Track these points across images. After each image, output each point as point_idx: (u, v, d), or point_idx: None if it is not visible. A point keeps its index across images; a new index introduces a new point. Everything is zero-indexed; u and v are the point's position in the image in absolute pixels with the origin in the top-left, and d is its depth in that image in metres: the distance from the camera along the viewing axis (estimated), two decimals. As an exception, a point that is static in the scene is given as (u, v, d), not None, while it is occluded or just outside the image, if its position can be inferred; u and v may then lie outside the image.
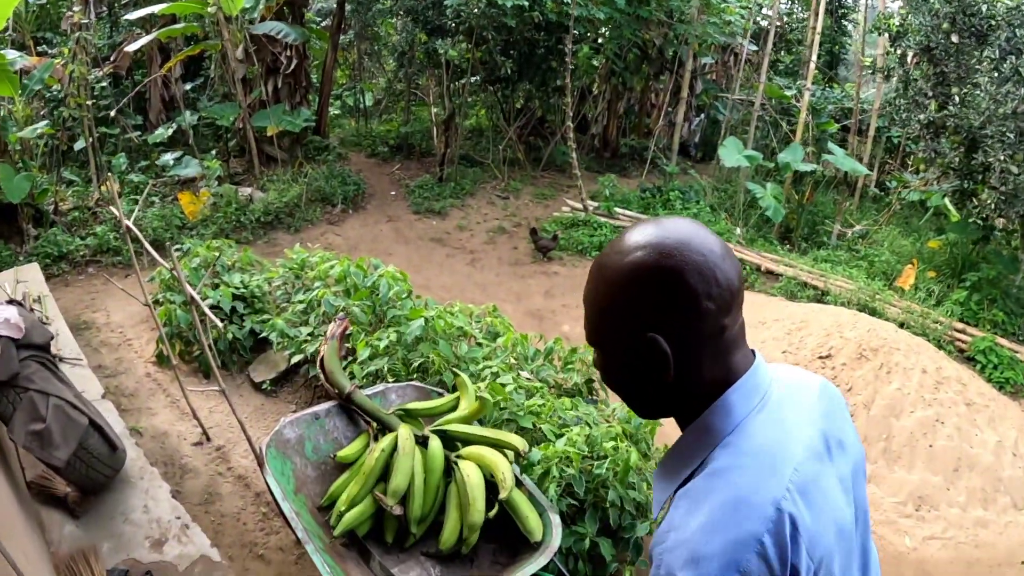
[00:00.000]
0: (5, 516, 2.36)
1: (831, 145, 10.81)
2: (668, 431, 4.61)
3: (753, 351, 1.33)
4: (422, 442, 3.54)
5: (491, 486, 3.35)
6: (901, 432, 5.61)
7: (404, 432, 3.47)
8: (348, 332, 4.24)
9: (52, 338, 3.62)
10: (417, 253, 9.20)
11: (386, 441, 3.43)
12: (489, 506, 3.29)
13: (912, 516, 5.20)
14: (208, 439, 4.97)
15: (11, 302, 3.57)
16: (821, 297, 8.55)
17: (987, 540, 5.10)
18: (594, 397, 4.90)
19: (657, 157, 12.47)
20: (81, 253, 7.88)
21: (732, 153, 10.53)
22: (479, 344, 4.87)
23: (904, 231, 10.78)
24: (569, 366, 4.91)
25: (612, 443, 3.72)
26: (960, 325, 7.97)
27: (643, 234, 1.22)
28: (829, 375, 6.04)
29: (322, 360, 3.84)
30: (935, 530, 5.11)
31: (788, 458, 1.21)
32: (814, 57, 11.37)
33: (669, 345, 1.20)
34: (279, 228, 9.35)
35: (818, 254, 9.91)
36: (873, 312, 7.89)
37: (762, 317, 7.36)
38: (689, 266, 1.17)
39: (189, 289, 3.70)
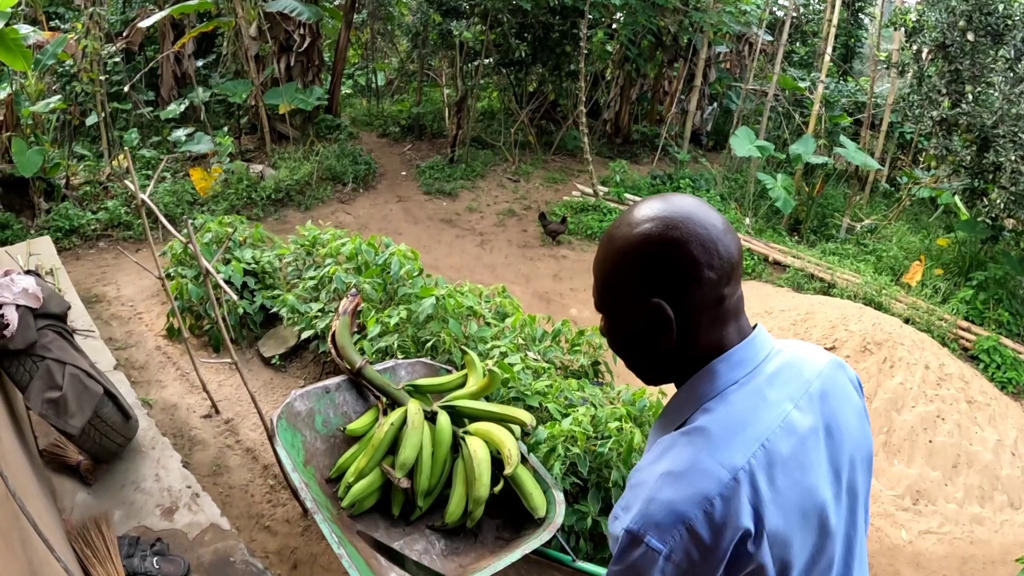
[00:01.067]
0: (21, 482, 2.40)
1: (843, 139, 10.75)
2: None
3: (756, 325, 1.41)
4: (431, 417, 3.57)
5: (497, 462, 3.38)
6: (902, 426, 5.64)
7: (413, 407, 3.50)
8: (359, 309, 4.27)
9: (69, 308, 3.66)
10: (427, 233, 9.21)
11: (395, 415, 3.47)
12: (495, 482, 3.32)
13: (909, 510, 5.25)
14: (217, 412, 5.02)
15: (28, 273, 3.60)
16: (828, 290, 8.55)
17: (982, 537, 5.14)
18: (600, 380, 4.94)
19: (668, 144, 12.46)
20: (92, 227, 7.93)
21: (744, 143, 10.51)
22: (488, 324, 4.89)
23: (913, 227, 10.76)
24: (576, 348, 4.95)
25: (616, 424, 3.75)
26: (965, 323, 7.97)
27: (651, 208, 1.30)
28: None
29: (334, 335, 3.88)
30: (931, 524, 5.16)
31: (759, 432, 1.28)
32: (829, 49, 11.33)
33: (672, 310, 1.29)
34: (289, 205, 9.39)
35: (826, 247, 9.91)
36: (879, 307, 7.90)
37: (768, 307, 7.38)
38: (693, 237, 1.25)
39: (204, 262, 3.73)
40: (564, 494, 3.42)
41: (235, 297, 3.68)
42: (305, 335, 5.26)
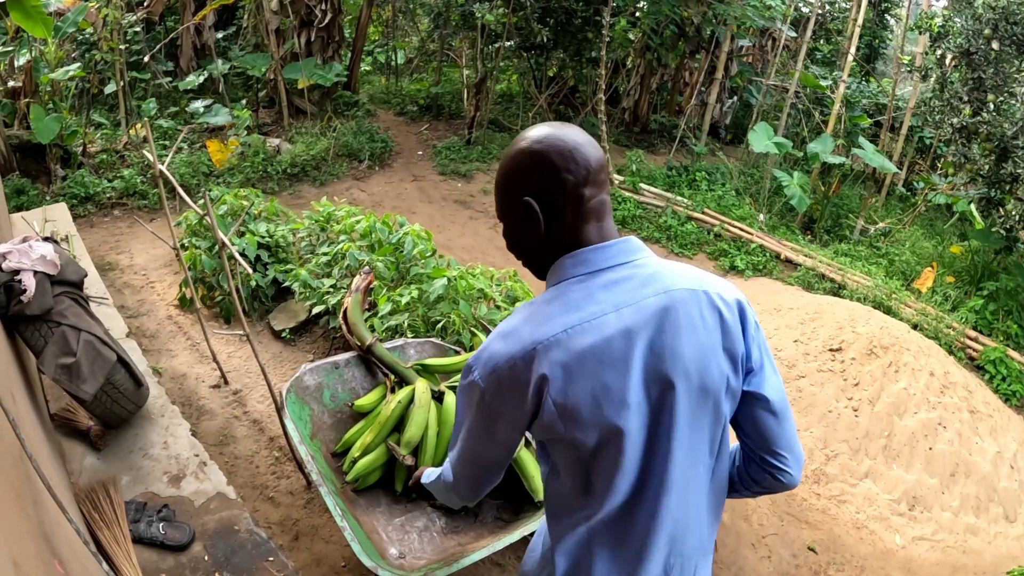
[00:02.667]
0: (33, 444, 2.43)
1: (862, 140, 10.67)
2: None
3: (629, 239, 1.67)
4: (438, 397, 3.60)
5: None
6: (903, 431, 5.63)
7: (421, 386, 3.52)
8: (372, 286, 4.29)
9: (85, 276, 3.69)
10: (440, 213, 9.19)
11: (403, 393, 3.49)
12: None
13: (904, 515, 5.24)
14: (226, 382, 5.05)
15: (47, 239, 3.63)
16: (838, 291, 8.51)
17: (975, 547, 5.14)
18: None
19: (686, 136, 12.38)
20: (107, 195, 7.93)
21: (762, 138, 10.44)
22: (498, 307, 4.90)
23: (927, 233, 10.71)
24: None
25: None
26: (973, 333, 7.92)
27: (527, 133, 1.65)
28: (838, 368, 6.05)
29: (345, 311, 3.90)
30: (925, 531, 5.16)
31: (569, 320, 1.55)
32: (853, 49, 11.23)
33: (539, 205, 1.61)
34: (305, 180, 9.37)
35: (839, 247, 9.86)
36: (888, 311, 7.86)
37: (777, 304, 7.34)
38: (552, 149, 1.58)
39: (220, 234, 3.74)
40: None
41: (249, 270, 3.70)
42: (316, 310, 5.28)
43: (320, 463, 3.20)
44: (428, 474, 2.19)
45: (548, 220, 1.63)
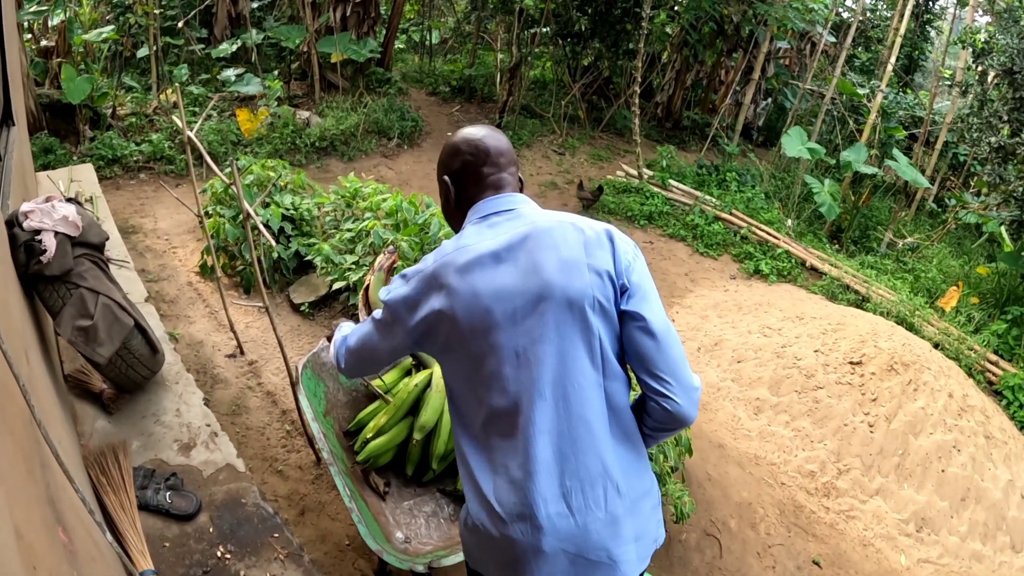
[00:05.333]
0: (44, 404, 2.39)
1: (896, 152, 10.54)
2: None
3: (514, 194, 2.07)
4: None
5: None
6: (917, 451, 5.56)
7: (439, 370, 3.46)
8: (395, 266, 4.22)
9: (107, 239, 3.65)
10: (467, 197, 9.05)
11: (420, 377, 3.44)
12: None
13: (912, 536, 5.19)
14: (242, 352, 5.01)
15: (71, 200, 3.58)
16: (861, 303, 8.38)
17: (978, 575, 5.09)
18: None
19: (719, 135, 12.26)
20: (135, 158, 7.90)
21: (795, 143, 10.32)
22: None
23: (954, 251, 10.58)
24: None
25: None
26: (994, 357, 7.80)
27: (456, 133, 2.11)
28: (857, 381, 5.98)
29: (366, 290, 3.84)
30: (931, 554, 5.10)
31: (455, 247, 1.95)
32: (893, 59, 11.06)
33: (451, 182, 2.08)
34: (333, 155, 9.32)
35: (865, 259, 9.74)
36: (910, 327, 7.73)
37: (800, 312, 7.25)
38: (462, 140, 2.06)
39: (246, 205, 3.69)
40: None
41: (273, 242, 3.65)
42: (337, 286, 5.23)
43: (332, 441, 3.15)
44: (342, 327, 2.47)
45: (458, 192, 2.08)
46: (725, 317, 7.45)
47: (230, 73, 9.78)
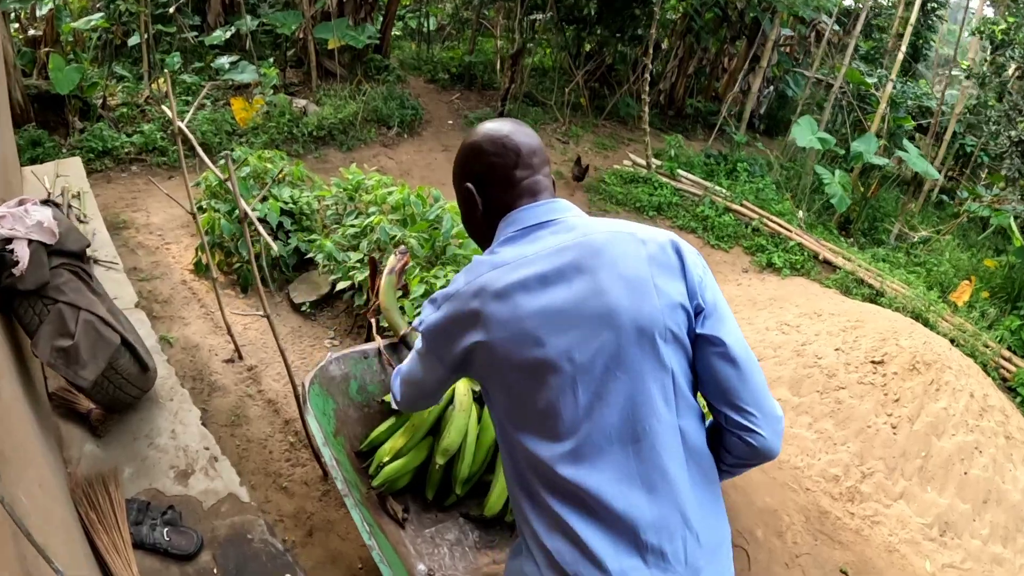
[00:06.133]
0: (21, 439, 2.09)
1: (906, 143, 10.32)
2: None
3: (557, 199, 1.78)
4: (478, 399, 3.25)
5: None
6: (940, 453, 5.40)
7: (462, 386, 3.16)
8: (407, 267, 3.91)
9: (88, 245, 3.28)
10: (471, 187, 8.81)
11: None
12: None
13: (936, 540, 5.04)
14: (240, 357, 4.73)
15: (46, 202, 3.22)
16: (875, 297, 8.22)
17: None
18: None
19: (726, 124, 12.05)
20: (126, 150, 7.64)
21: (805, 133, 10.10)
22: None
23: (961, 244, 10.41)
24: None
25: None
26: (1007, 353, 7.61)
27: (473, 129, 1.82)
28: (879, 382, 5.80)
29: (377, 293, 3.55)
30: (955, 559, 4.95)
31: (494, 264, 1.66)
32: (903, 48, 10.81)
33: (476, 189, 1.79)
34: (331, 144, 9.05)
35: (876, 252, 9.57)
36: (925, 323, 7.54)
37: (817, 308, 7.07)
38: (486, 139, 1.76)
39: (244, 206, 3.38)
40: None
41: (274, 246, 3.32)
42: (341, 286, 4.95)
43: (346, 468, 2.86)
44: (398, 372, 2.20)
45: (485, 201, 1.79)
46: (740, 313, 7.29)
47: (224, 61, 9.51)
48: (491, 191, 1.77)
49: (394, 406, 2.21)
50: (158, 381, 3.74)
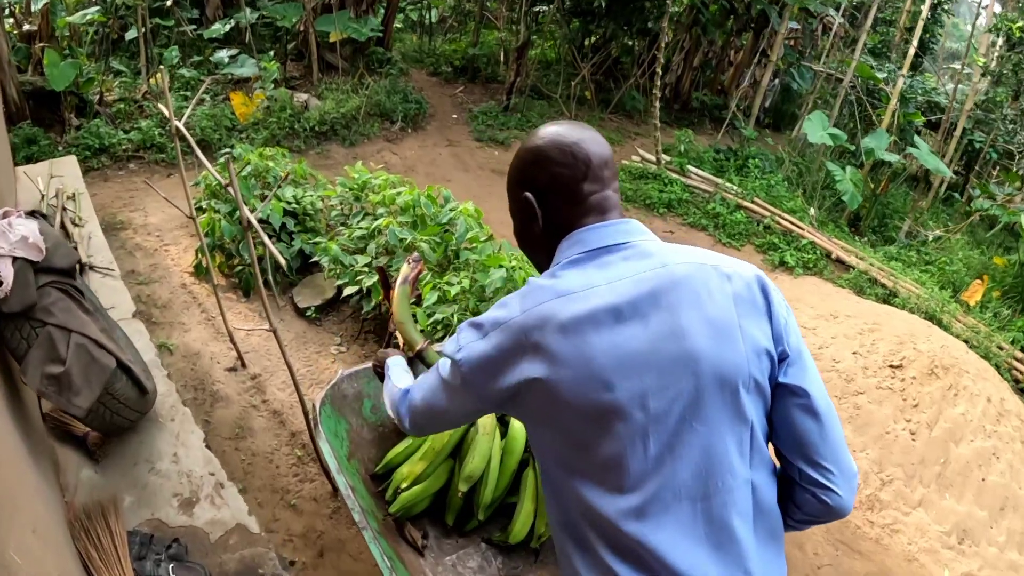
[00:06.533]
0: (13, 482, 1.90)
1: (918, 139, 10.15)
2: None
3: (629, 220, 1.58)
4: (501, 419, 3.06)
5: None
6: (958, 460, 5.29)
7: None
8: (421, 276, 3.70)
9: (78, 261, 3.05)
10: (477, 182, 8.67)
11: None
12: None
13: (954, 548, 4.95)
14: (243, 365, 4.56)
15: (32, 214, 2.98)
16: (889, 297, 8.05)
17: None
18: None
19: (735, 118, 11.87)
20: (123, 147, 7.42)
21: (816, 128, 9.89)
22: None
23: (970, 241, 10.26)
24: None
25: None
26: (1021, 355, 7.44)
27: (535, 131, 1.63)
28: (897, 386, 5.69)
29: (389, 301, 3.35)
30: (972, 567, 4.86)
31: (555, 291, 1.45)
32: (915, 43, 10.64)
33: (536, 200, 1.58)
34: (334, 140, 8.84)
35: (888, 250, 9.38)
36: (939, 324, 7.38)
37: (833, 310, 6.93)
38: (552, 144, 1.56)
39: (247, 213, 3.18)
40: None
41: (282, 261, 3.08)
42: (348, 292, 4.76)
43: (362, 495, 2.67)
44: (393, 368, 2.16)
45: (546, 215, 1.59)
46: None
47: (223, 55, 9.30)
48: (554, 204, 1.58)
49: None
50: (158, 399, 3.55)
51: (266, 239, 3.07)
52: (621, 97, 12.07)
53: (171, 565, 2.66)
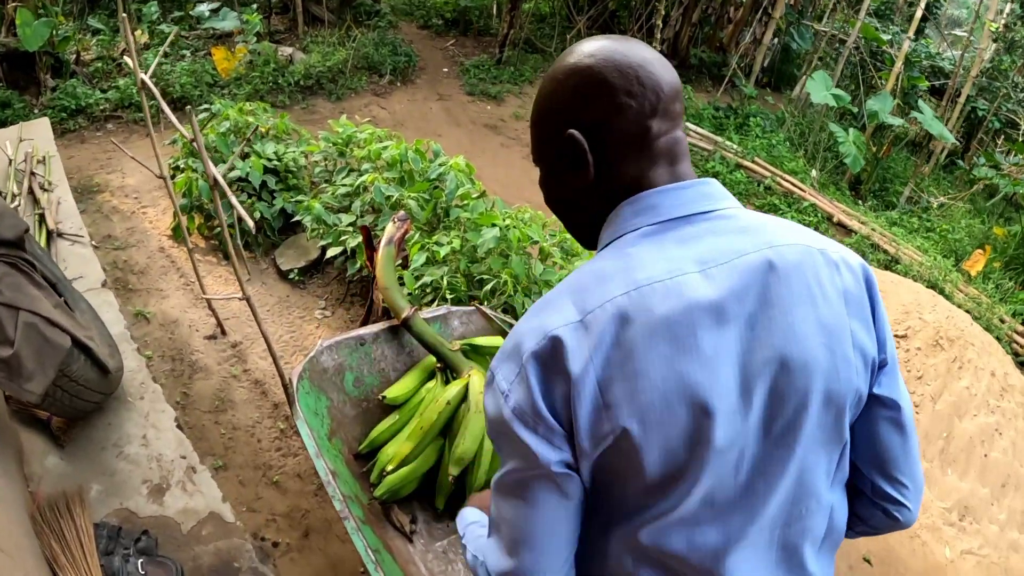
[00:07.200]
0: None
1: (922, 104, 9.92)
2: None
3: (710, 181, 1.18)
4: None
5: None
6: (962, 435, 5.18)
7: (478, 382, 2.69)
8: (408, 235, 3.44)
9: (26, 230, 2.75)
10: (468, 138, 8.40)
11: (452, 392, 2.68)
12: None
13: (955, 525, 4.88)
14: (223, 332, 4.35)
15: None
16: (890, 264, 7.91)
17: (1015, 566, 4.78)
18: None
19: (736, 75, 11.59)
20: (101, 107, 7.15)
21: (820, 88, 9.62)
22: (553, 263, 4.11)
23: (970, 210, 10.08)
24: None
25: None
26: (1022, 328, 7.31)
27: (576, 46, 1.19)
28: (902, 357, 5.55)
29: (373, 264, 3.11)
30: (973, 544, 4.78)
31: (631, 280, 1.07)
32: (922, 4, 10.34)
33: (586, 140, 1.15)
34: (319, 94, 8.54)
35: (890, 216, 9.22)
36: (941, 293, 7.24)
37: None
38: (608, 64, 1.13)
39: (212, 169, 2.92)
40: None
41: (249, 221, 2.78)
42: (332, 252, 4.51)
43: (345, 480, 2.44)
44: (465, 518, 1.55)
45: (600, 162, 1.16)
46: None
47: (204, 8, 8.97)
48: (612, 149, 1.15)
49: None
50: (127, 376, 3.30)
51: (232, 197, 2.82)
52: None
53: (140, 560, 2.43)
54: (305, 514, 3.30)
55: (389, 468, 2.62)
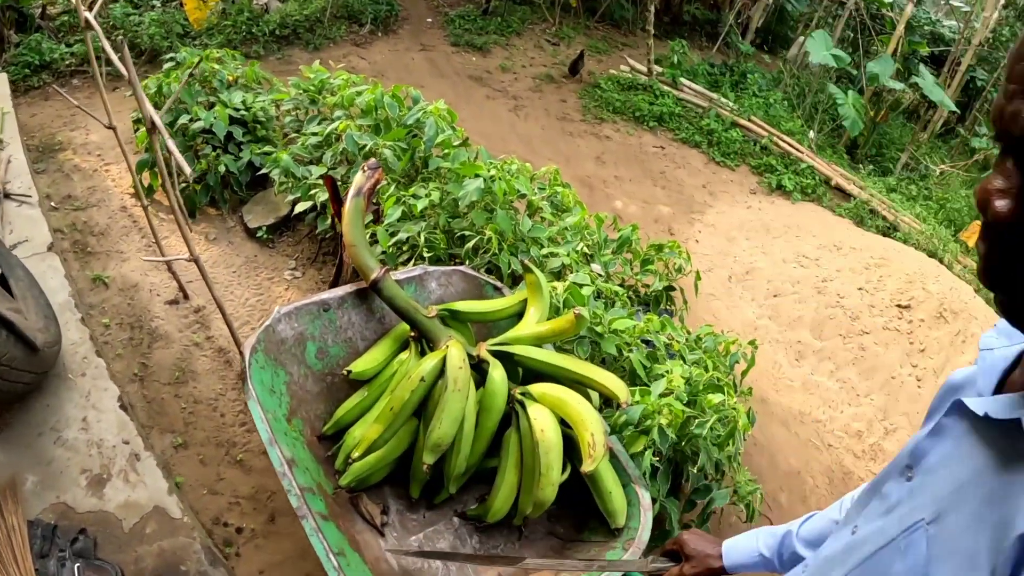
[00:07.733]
0: None
1: (923, 69, 9.67)
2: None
3: None
4: (476, 367, 2.53)
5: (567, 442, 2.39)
6: None
7: (457, 355, 2.37)
8: (379, 185, 3.10)
9: None
10: (453, 90, 8.09)
11: (427, 367, 2.35)
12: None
13: None
14: (186, 296, 4.10)
15: None
16: (889, 231, 7.77)
17: None
18: (668, 309, 3.88)
19: (732, 32, 11.32)
20: (66, 62, 6.80)
21: (820, 48, 9.34)
22: (542, 219, 3.81)
23: (967, 179, 9.91)
24: (648, 266, 3.86)
25: (719, 398, 2.75)
26: None
27: None
28: (904, 328, 5.54)
29: (340, 218, 2.81)
30: None
31: None
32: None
33: None
34: (296, 44, 8.20)
35: (887, 182, 9.06)
36: (940, 262, 7.12)
37: (837, 240, 6.72)
38: None
39: (150, 109, 2.62)
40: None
41: (187, 169, 2.47)
42: (301, 208, 4.20)
43: (303, 469, 2.15)
44: None
45: None
46: (753, 240, 6.84)
47: (174, -47, 8.50)
48: None
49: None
50: (68, 349, 2.99)
51: (170, 141, 2.52)
52: (609, 5, 11.42)
53: (77, 564, 2.15)
54: (271, 496, 3.09)
55: (355, 455, 2.34)
